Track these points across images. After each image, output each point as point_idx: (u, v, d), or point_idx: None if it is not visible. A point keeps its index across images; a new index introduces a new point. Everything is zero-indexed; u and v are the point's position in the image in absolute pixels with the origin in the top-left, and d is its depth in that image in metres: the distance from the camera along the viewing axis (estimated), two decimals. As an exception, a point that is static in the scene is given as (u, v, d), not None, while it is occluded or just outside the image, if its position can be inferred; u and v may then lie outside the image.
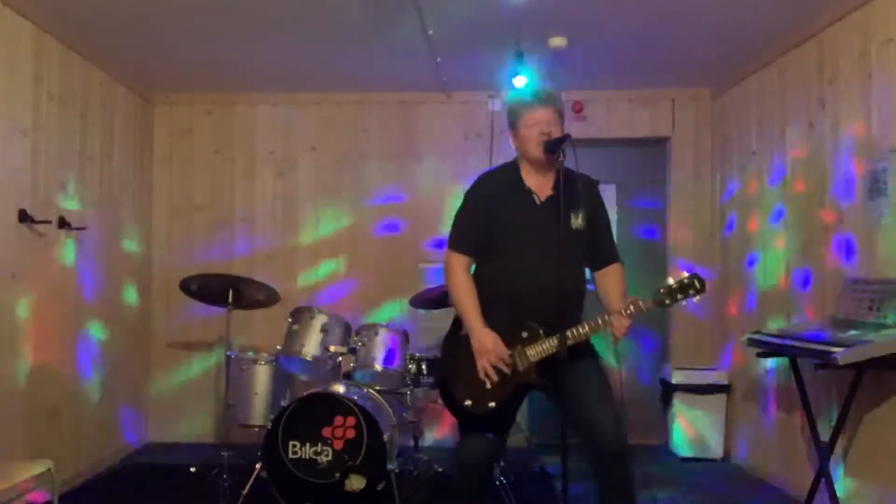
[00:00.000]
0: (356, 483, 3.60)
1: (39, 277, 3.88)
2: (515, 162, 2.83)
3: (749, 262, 4.70)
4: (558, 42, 4.23)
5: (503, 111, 5.08)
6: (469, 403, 2.66)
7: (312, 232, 5.42)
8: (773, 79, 4.40)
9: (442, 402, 2.79)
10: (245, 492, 3.75)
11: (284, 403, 3.72)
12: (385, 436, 3.60)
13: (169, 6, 3.78)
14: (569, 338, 2.52)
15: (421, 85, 5.16)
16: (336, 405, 3.65)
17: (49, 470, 2.94)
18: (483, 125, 5.37)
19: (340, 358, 3.96)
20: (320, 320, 4.03)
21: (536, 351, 2.61)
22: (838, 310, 3.43)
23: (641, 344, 5.44)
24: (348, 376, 4.00)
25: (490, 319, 2.66)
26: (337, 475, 3.60)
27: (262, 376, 4.11)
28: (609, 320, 2.59)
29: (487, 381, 2.62)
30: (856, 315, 3.26)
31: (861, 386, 3.19)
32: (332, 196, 5.42)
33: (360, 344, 4.03)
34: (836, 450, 3.44)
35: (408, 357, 4.10)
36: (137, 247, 5.16)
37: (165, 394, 5.36)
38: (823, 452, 3.38)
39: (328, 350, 3.93)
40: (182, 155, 5.47)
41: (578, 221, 2.68)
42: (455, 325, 2.79)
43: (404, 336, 4.16)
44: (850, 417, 3.32)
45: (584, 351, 2.66)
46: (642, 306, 2.57)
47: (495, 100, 5.26)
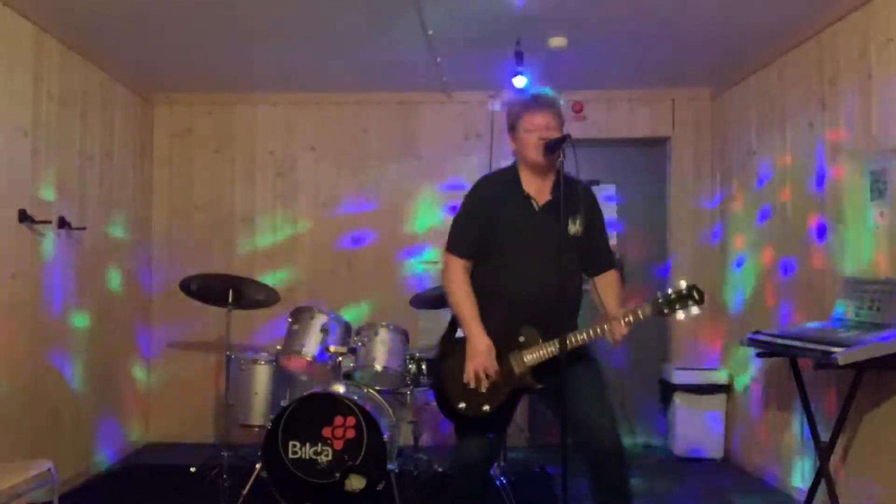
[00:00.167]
0: (356, 483, 3.60)
1: (39, 277, 3.88)
2: (515, 166, 2.83)
3: (749, 262, 4.70)
4: (558, 42, 4.23)
5: (503, 112, 5.18)
6: (463, 406, 2.66)
7: (312, 232, 5.42)
8: (773, 79, 4.40)
9: (436, 404, 2.78)
10: (245, 492, 3.76)
11: (284, 403, 3.72)
12: (385, 436, 3.60)
13: (169, 6, 3.78)
14: (568, 343, 2.52)
15: (421, 85, 5.16)
16: (336, 405, 3.65)
17: (49, 470, 2.94)
18: (483, 125, 5.37)
19: (340, 358, 3.96)
20: (320, 320, 4.03)
21: (533, 356, 2.61)
22: (838, 310, 3.42)
23: (641, 344, 5.43)
24: (348, 376, 4.00)
25: (488, 323, 2.66)
26: (337, 475, 3.60)
27: (262, 376, 4.12)
28: (607, 327, 2.59)
29: (482, 386, 2.62)
30: (856, 315, 3.26)
31: (861, 386, 3.19)
32: (332, 196, 5.42)
33: (360, 344, 4.03)
34: (836, 450, 3.45)
35: (408, 357, 4.10)
36: (137, 247, 5.16)
37: (165, 394, 5.36)
38: (823, 452, 3.38)
39: (328, 350, 3.94)
40: (182, 155, 5.47)
41: (576, 227, 2.68)
42: (451, 327, 2.79)
43: (404, 336, 4.16)
44: (850, 417, 3.32)
45: (581, 354, 2.66)
46: (640, 314, 2.57)
47: (495, 100, 5.26)
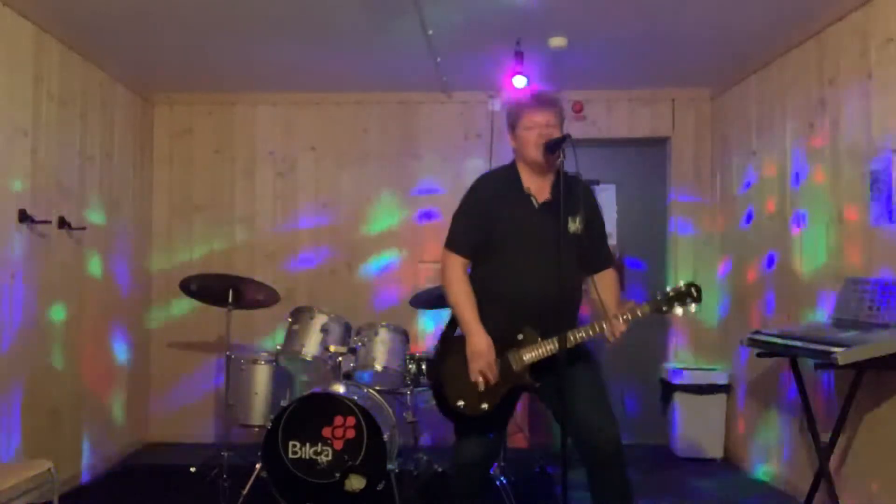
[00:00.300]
0: (356, 483, 3.60)
1: (39, 278, 3.88)
2: (514, 164, 2.83)
3: (748, 262, 4.70)
4: (558, 42, 4.23)
5: (503, 112, 5.18)
6: (461, 404, 2.66)
7: (312, 232, 5.42)
8: (773, 79, 4.40)
9: (435, 402, 2.78)
10: (245, 492, 3.75)
11: (284, 403, 3.71)
12: (385, 436, 3.60)
13: (169, 6, 3.78)
14: (568, 341, 2.51)
15: (421, 85, 5.16)
16: (336, 405, 3.65)
17: (49, 470, 2.94)
18: (483, 125, 5.37)
19: (340, 358, 3.96)
20: (320, 320, 4.04)
21: (531, 354, 2.61)
22: (838, 310, 3.43)
23: (641, 344, 5.43)
24: (348, 376, 4.00)
25: (487, 321, 2.66)
26: (337, 475, 3.60)
27: (262, 376, 4.12)
28: (606, 325, 2.59)
29: (480, 384, 2.62)
30: (856, 315, 3.26)
31: (861, 386, 3.18)
32: (332, 196, 5.42)
33: (360, 344, 4.04)
34: (836, 450, 3.45)
35: (408, 357, 4.10)
36: (137, 247, 5.16)
37: (165, 394, 5.36)
38: (823, 452, 3.38)
39: (328, 350, 3.94)
40: (182, 155, 5.47)
41: (576, 225, 2.68)
42: (451, 326, 2.79)
43: (404, 336, 4.16)
44: (850, 417, 3.32)
45: (580, 353, 2.66)
46: (639, 312, 2.58)
47: (495, 100, 5.26)
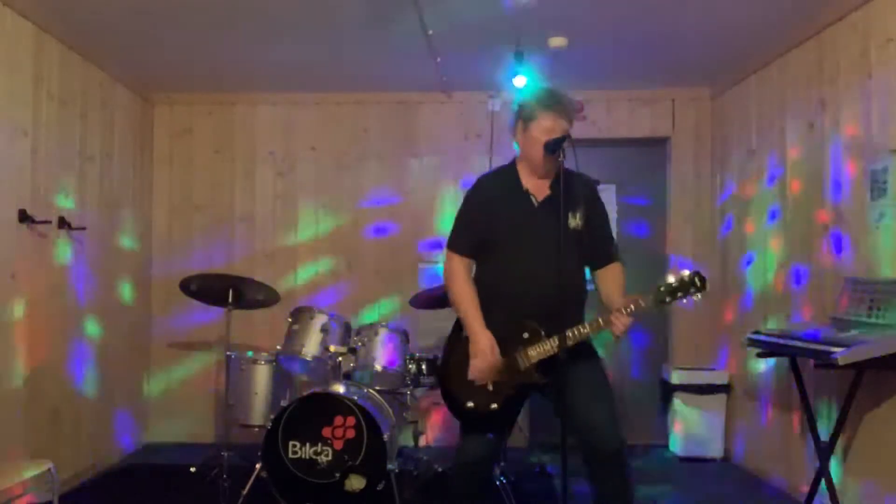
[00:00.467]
0: (356, 483, 3.60)
1: (39, 277, 3.88)
2: (514, 163, 2.83)
3: (748, 262, 4.70)
4: (558, 42, 4.23)
5: (506, 109, 5.15)
6: (471, 405, 2.66)
7: (312, 232, 5.42)
8: (773, 79, 4.40)
9: (444, 403, 2.79)
10: (245, 492, 3.75)
11: (284, 403, 3.72)
12: (385, 436, 3.60)
13: (169, 6, 3.78)
14: (568, 338, 2.51)
15: (421, 85, 5.16)
16: (336, 405, 3.65)
17: (49, 470, 2.94)
18: (483, 125, 5.36)
19: (340, 358, 3.96)
20: (320, 320, 4.03)
21: (537, 351, 2.61)
22: (838, 310, 3.42)
23: (641, 344, 5.44)
24: (348, 376, 4.00)
25: (490, 321, 2.66)
26: (337, 475, 3.60)
27: (262, 376, 4.12)
28: (609, 319, 2.58)
29: (488, 383, 2.62)
30: (856, 315, 3.26)
31: (861, 386, 3.18)
32: (332, 196, 5.42)
33: (360, 344, 4.04)
34: (836, 450, 3.44)
35: (408, 357, 4.10)
36: (137, 247, 5.16)
37: (165, 394, 5.36)
38: (823, 452, 3.38)
39: (328, 350, 3.93)
40: (182, 155, 5.47)
41: (576, 221, 2.68)
42: (457, 326, 2.79)
43: (404, 336, 4.16)
44: (850, 417, 3.32)
45: (585, 352, 2.66)
46: (643, 304, 2.55)
47: (495, 100, 5.25)
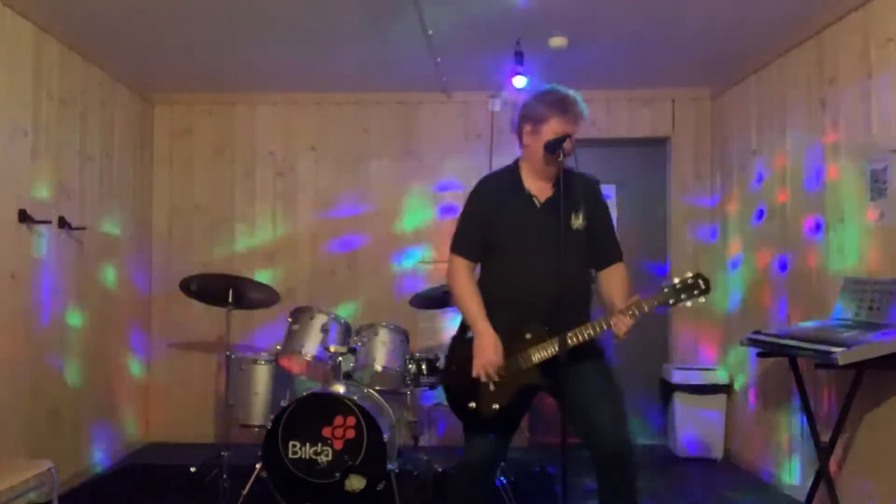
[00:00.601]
0: (356, 483, 3.60)
1: (39, 278, 3.88)
2: (517, 164, 2.82)
3: (749, 262, 4.70)
4: (558, 42, 4.23)
5: (506, 109, 5.16)
6: (474, 406, 2.66)
7: (312, 232, 5.42)
8: (773, 79, 4.40)
9: (447, 404, 2.79)
10: (245, 492, 3.75)
11: (284, 403, 3.72)
12: (385, 436, 3.60)
13: (169, 6, 3.78)
14: (569, 340, 2.51)
15: (421, 85, 5.16)
16: (336, 405, 3.65)
17: (49, 470, 2.94)
18: (483, 125, 5.36)
19: (340, 358, 3.96)
20: (320, 320, 4.04)
21: (540, 353, 2.60)
22: (838, 310, 3.42)
23: (641, 344, 5.43)
24: (348, 376, 4.00)
25: (494, 322, 2.65)
26: (337, 475, 3.60)
27: (262, 376, 4.11)
28: (612, 321, 2.57)
29: (491, 384, 2.62)
30: (856, 315, 3.26)
31: (861, 386, 3.19)
32: (332, 196, 5.42)
33: (360, 344, 4.04)
34: (836, 450, 3.45)
35: (408, 357, 4.10)
36: (137, 247, 5.16)
37: (165, 394, 5.36)
38: (823, 452, 3.39)
39: (328, 350, 3.94)
40: (182, 155, 5.47)
41: (579, 221, 2.67)
42: (462, 328, 2.78)
43: (404, 336, 4.16)
44: (850, 417, 3.32)
45: (590, 352, 2.64)
46: (645, 306, 2.54)
47: (495, 100, 5.25)
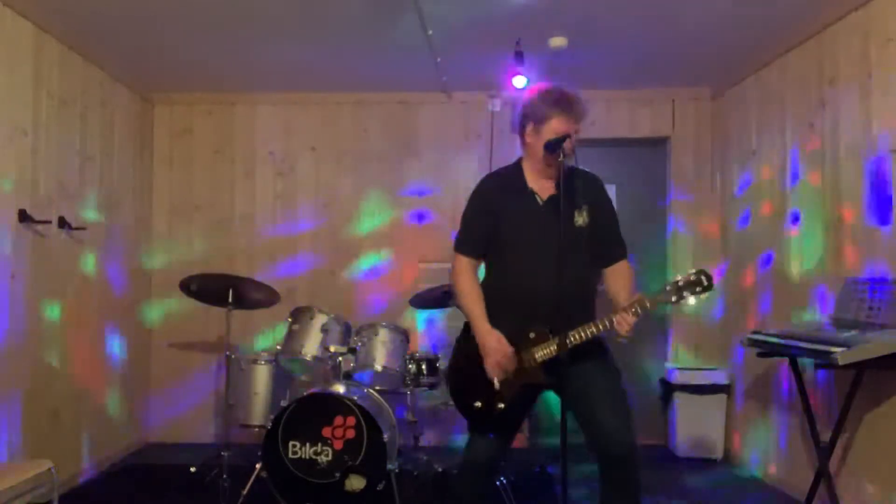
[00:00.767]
0: (356, 483, 3.60)
1: (39, 277, 3.88)
2: (519, 163, 2.82)
3: (748, 262, 4.70)
4: (558, 42, 4.23)
5: (506, 109, 5.16)
6: (479, 405, 2.67)
7: (312, 232, 5.42)
8: (773, 79, 4.40)
9: (451, 403, 2.80)
10: (245, 492, 3.75)
11: (284, 403, 3.71)
12: (385, 436, 3.60)
13: (169, 6, 3.78)
14: (571, 339, 2.50)
15: (421, 85, 5.16)
16: (336, 405, 3.65)
17: (49, 470, 2.94)
18: (483, 125, 5.36)
19: (340, 358, 3.96)
20: (320, 320, 4.04)
21: (543, 352, 2.60)
22: (838, 310, 3.43)
23: (641, 344, 5.44)
24: (348, 376, 4.00)
25: (497, 321, 2.65)
26: (337, 475, 3.60)
27: (262, 376, 4.12)
28: (615, 319, 2.55)
29: (496, 383, 2.62)
30: (856, 315, 3.26)
31: (861, 386, 3.19)
32: (332, 196, 5.42)
33: (360, 344, 4.04)
34: (836, 450, 3.45)
35: (408, 357, 4.10)
36: (137, 247, 5.16)
37: (165, 394, 5.36)
38: (823, 452, 3.39)
39: (328, 350, 3.94)
40: (182, 155, 5.47)
41: (582, 219, 2.66)
42: (467, 328, 2.79)
43: (404, 336, 4.16)
44: (850, 417, 3.32)
45: (595, 351, 2.63)
46: (648, 304, 2.51)
47: (495, 100, 5.25)
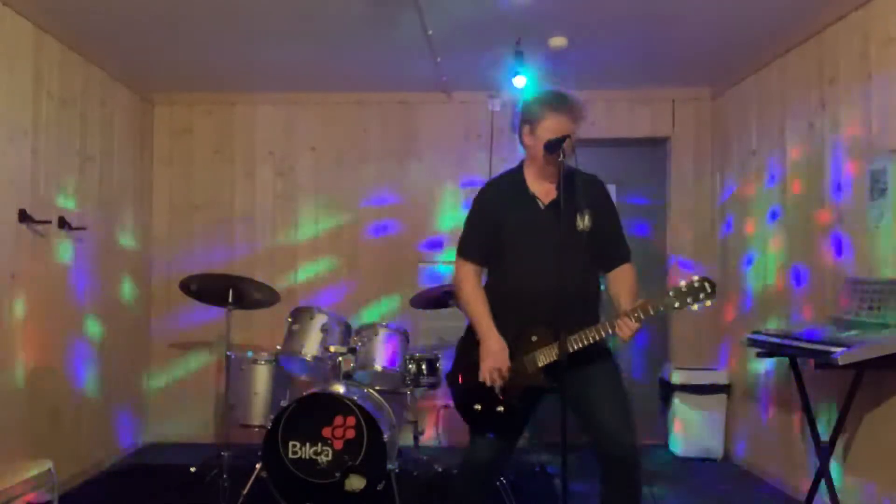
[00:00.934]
0: (356, 483, 3.60)
1: (39, 277, 3.88)
2: (521, 167, 2.82)
3: (748, 262, 4.70)
4: (558, 42, 4.23)
5: (506, 109, 5.17)
6: (479, 407, 2.67)
7: (312, 232, 5.42)
8: (773, 79, 4.40)
9: (454, 404, 2.80)
10: (245, 492, 3.75)
11: (284, 403, 3.72)
12: (385, 436, 3.60)
13: (169, 7, 3.78)
14: (573, 343, 2.50)
15: (421, 85, 5.16)
16: (336, 405, 3.65)
17: (49, 470, 2.95)
18: (483, 125, 5.36)
19: (340, 358, 3.96)
20: (320, 320, 4.04)
21: (545, 355, 2.60)
22: (838, 310, 3.43)
23: (641, 344, 5.44)
24: (348, 376, 4.00)
25: (500, 325, 2.65)
26: (337, 475, 3.60)
27: (262, 376, 4.11)
28: (616, 324, 2.55)
29: (496, 387, 2.62)
30: (856, 315, 3.26)
31: (861, 386, 3.19)
32: (332, 196, 5.42)
33: (360, 344, 4.03)
34: (836, 450, 3.45)
35: (408, 357, 4.10)
36: (137, 247, 5.16)
37: (165, 394, 5.36)
38: (823, 452, 3.39)
39: (328, 350, 3.94)
40: (182, 155, 5.47)
41: (585, 222, 2.65)
42: (469, 330, 2.78)
43: (404, 336, 4.16)
44: (850, 417, 3.32)
45: (597, 354, 2.63)
46: (651, 310, 2.51)
47: (495, 100, 5.25)
